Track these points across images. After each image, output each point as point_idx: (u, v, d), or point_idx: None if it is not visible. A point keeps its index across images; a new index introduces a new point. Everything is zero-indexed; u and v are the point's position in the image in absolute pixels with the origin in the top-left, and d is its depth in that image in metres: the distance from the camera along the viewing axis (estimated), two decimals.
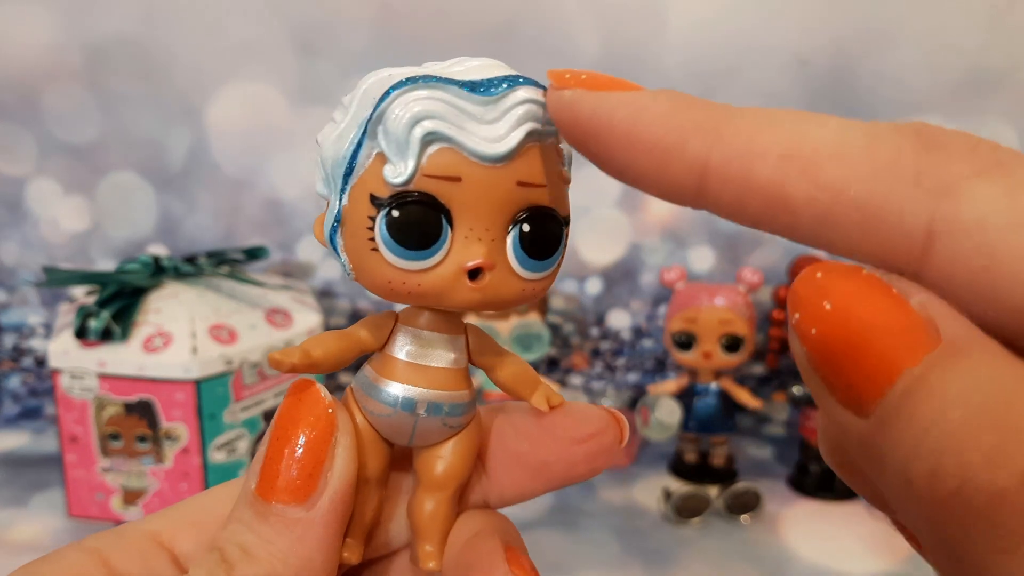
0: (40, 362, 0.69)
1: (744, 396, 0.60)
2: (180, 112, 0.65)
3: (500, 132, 0.17)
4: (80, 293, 0.58)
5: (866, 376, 0.12)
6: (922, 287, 0.12)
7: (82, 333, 0.51)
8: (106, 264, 0.67)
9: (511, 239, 0.17)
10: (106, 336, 0.51)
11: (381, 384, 0.18)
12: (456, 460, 0.19)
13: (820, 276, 0.12)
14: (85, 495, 0.54)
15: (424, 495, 0.19)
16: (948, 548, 0.11)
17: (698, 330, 0.58)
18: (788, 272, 0.64)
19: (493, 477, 0.20)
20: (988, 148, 0.13)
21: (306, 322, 0.58)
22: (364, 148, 0.17)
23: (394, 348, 0.19)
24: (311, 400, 0.18)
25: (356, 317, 0.65)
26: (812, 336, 0.12)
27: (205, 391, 0.51)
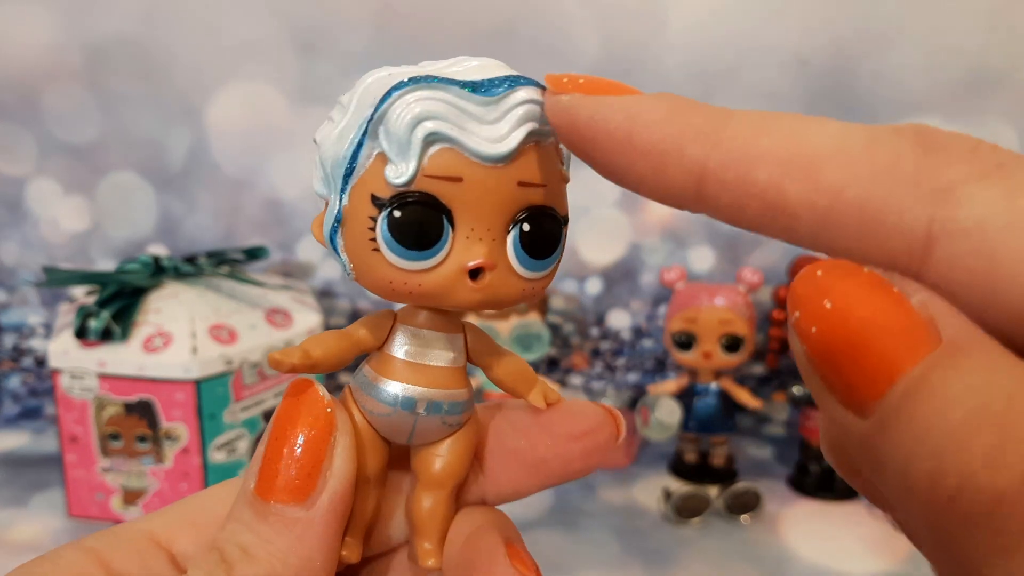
0: (40, 362, 0.69)
1: (744, 396, 0.60)
2: (180, 112, 0.65)
3: (501, 132, 0.17)
4: (80, 293, 0.58)
5: (866, 376, 0.12)
6: (923, 286, 0.12)
7: (82, 333, 0.51)
8: (106, 264, 0.67)
9: (511, 239, 0.17)
10: (106, 336, 0.51)
11: (380, 383, 0.18)
12: (454, 458, 0.19)
13: (820, 274, 0.12)
14: (85, 495, 0.54)
15: (422, 493, 0.19)
16: (948, 549, 0.11)
17: (698, 330, 0.58)
18: (788, 272, 0.64)
19: (490, 474, 0.20)
20: (988, 150, 0.12)
21: (306, 322, 0.58)
22: (365, 148, 0.17)
23: (393, 347, 0.19)
24: (310, 400, 0.18)
25: (356, 317, 0.64)
26: (812, 335, 0.12)
27: (205, 391, 0.51)
